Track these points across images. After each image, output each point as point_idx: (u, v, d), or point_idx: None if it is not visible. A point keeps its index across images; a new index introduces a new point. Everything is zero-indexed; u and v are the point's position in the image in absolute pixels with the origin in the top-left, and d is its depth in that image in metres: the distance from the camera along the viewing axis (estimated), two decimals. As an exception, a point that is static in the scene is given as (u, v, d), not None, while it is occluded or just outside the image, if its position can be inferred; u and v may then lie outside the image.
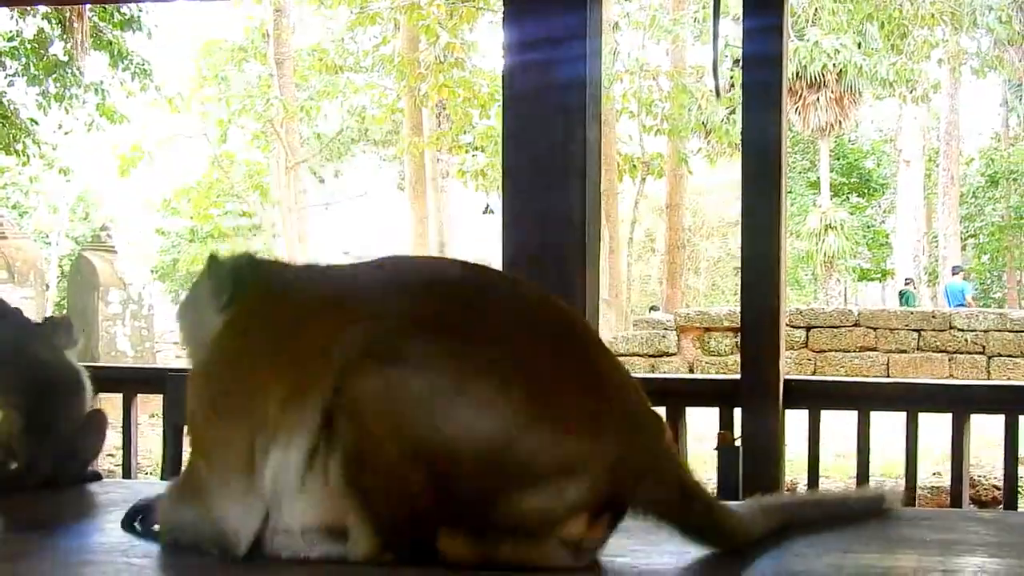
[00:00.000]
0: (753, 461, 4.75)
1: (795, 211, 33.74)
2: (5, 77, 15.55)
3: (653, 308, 24.36)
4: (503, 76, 4.30)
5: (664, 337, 18.26)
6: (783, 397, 4.85)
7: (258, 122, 26.66)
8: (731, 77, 21.13)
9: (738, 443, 4.84)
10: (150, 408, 10.65)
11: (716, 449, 4.94)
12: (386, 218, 38.89)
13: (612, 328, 22.50)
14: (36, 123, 16.01)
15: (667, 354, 17.81)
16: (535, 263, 4.06)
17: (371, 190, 35.39)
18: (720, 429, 5.07)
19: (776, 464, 4.86)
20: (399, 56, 23.82)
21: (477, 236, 37.38)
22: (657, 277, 34.71)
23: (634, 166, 22.48)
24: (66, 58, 15.51)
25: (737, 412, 5.03)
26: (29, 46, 15.46)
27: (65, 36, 15.45)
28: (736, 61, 21.52)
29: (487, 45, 26.79)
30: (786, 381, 4.92)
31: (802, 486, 8.96)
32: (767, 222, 4.78)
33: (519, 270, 4.08)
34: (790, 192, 32.46)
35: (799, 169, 38.25)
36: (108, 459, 10.11)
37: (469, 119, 22.27)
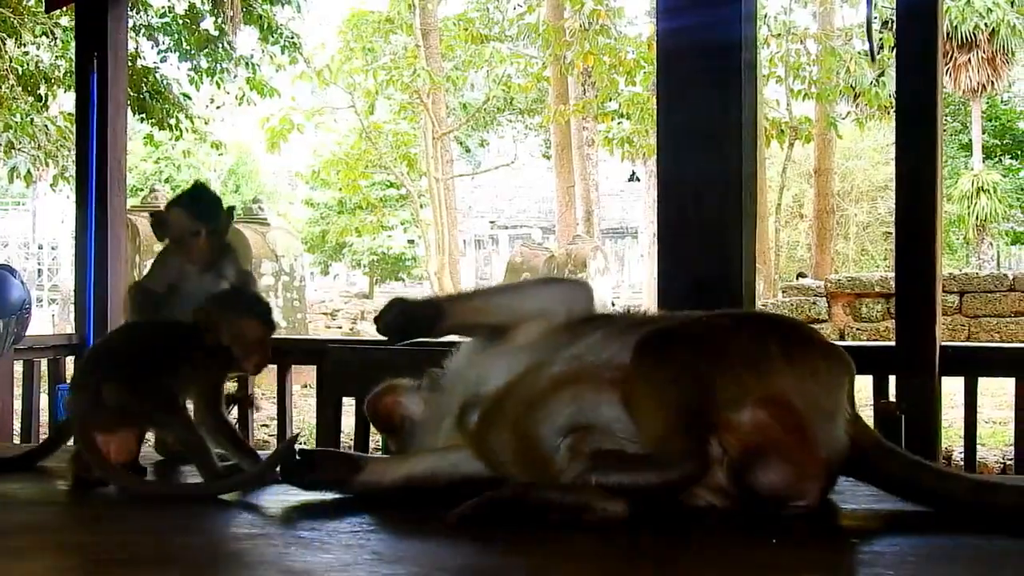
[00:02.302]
0: (910, 429, 4.68)
1: (946, 174, 33.04)
2: (158, 53, 15.82)
3: (801, 275, 24.05)
4: (656, 41, 4.29)
5: (814, 303, 18.05)
6: (940, 364, 4.77)
7: (405, 93, 26.80)
8: (881, 39, 20.74)
9: (901, 413, 4.76)
10: (301, 379, 10.84)
11: (876, 419, 4.87)
12: (532, 187, 38.94)
13: (760, 295, 22.29)
14: (188, 98, 16.26)
15: (817, 320, 17.58)
16: (691, 228, 4.05)
17: (517, 159, 35.41)
18: (875, 396, 5.01)
19: (933, 432, 4.78)
20: (544, 24, 23.78)
21: (623, 203, 37.30)
22: (805, 243, 34.29)
23: (781, 131, 22.16)
24: (217, 33, 15.72)
25: (892, 379, 4.97)
26: (181, 22, 15.70)
27: (216, 11, 15.67)
28: (885, 23, 21.12)
29: (632, 11, 26.68)
30: (942, 348, 4.84)
31: (958, 454, 8.86)
32: (923, 185, 4.69)
33: (675, 236, 4.08)
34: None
35: (951, 131, 37.46)
36: (263, 429, 10.32)
37: (615, 86, 22.15)
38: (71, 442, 2.56)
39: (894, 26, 5.56)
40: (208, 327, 2.43)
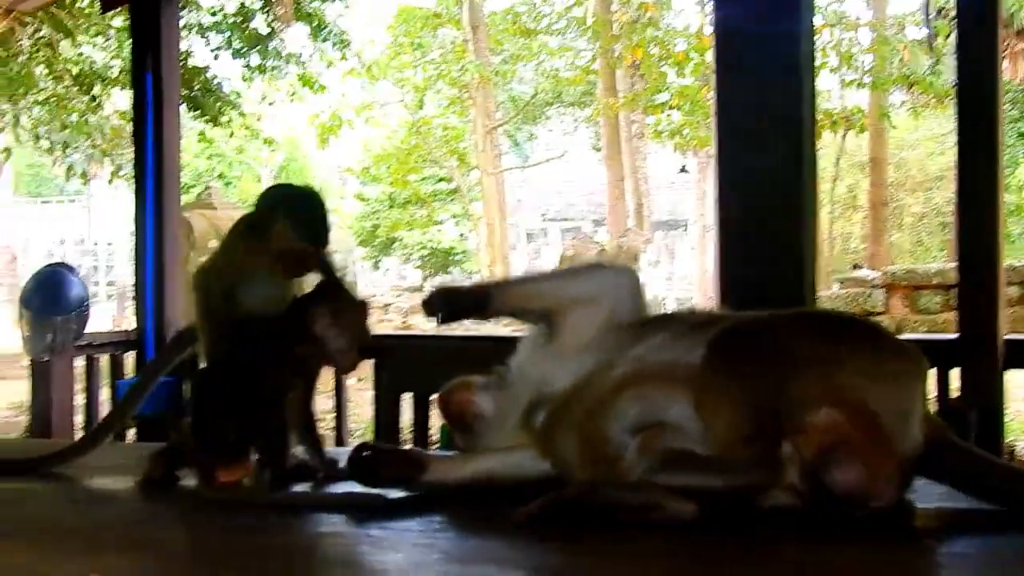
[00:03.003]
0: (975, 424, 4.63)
1: (1005, 163, 32.69)
2: (211, 51, 15.93)
3: (856, 266, 23.92)
4: (714, 31, 4.26)
5: (870, 295, 17.93)
6: (1003, 356, 4.72)
7: (454, 87, 26.86)
8: (935, 27, 20.59)
9: (970, 409, 4.70)
10: (355, 372, 10.85)
11: (944, 415, 4.81)
12: (582, 180, 38.90)
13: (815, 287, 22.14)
14: (240, 95, 16.38)
15: (874, 313, 17.44)
16: (751, 222, 4.03)
17: (567, 152, 35.37)
18: (938, 390, 4.95)
19: (998, 427, 4.73)
20: (592, 17, 23.76)
21: (674, 196, 37.20)
22: (859, 234, 34.07)
23: (834, 121, 22.04)
24: (267, 31, 15.82)
25: (954, 373, 4.92)
26: (232, 20, 15.80)
27: (266, 9, 15.76)
28: (940, 10, 20.95)
29: (680, 2, 26.59)
30: (1006, 341, 4.79)
31: (1021, 447, 8.78)
32: (982, 174, 4.64)
33: (734, 231, 4.06)
34: (996, 144, 31.48)
35: (1008, 120, 37.09)
36: (319, 424, 10.35)
37: (664, 78, 22.11)
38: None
39: (950, 13, 5.51)
40: (310, 325, 2.38)
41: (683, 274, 34.62)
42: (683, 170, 33.99)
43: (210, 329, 2.49)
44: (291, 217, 2.45)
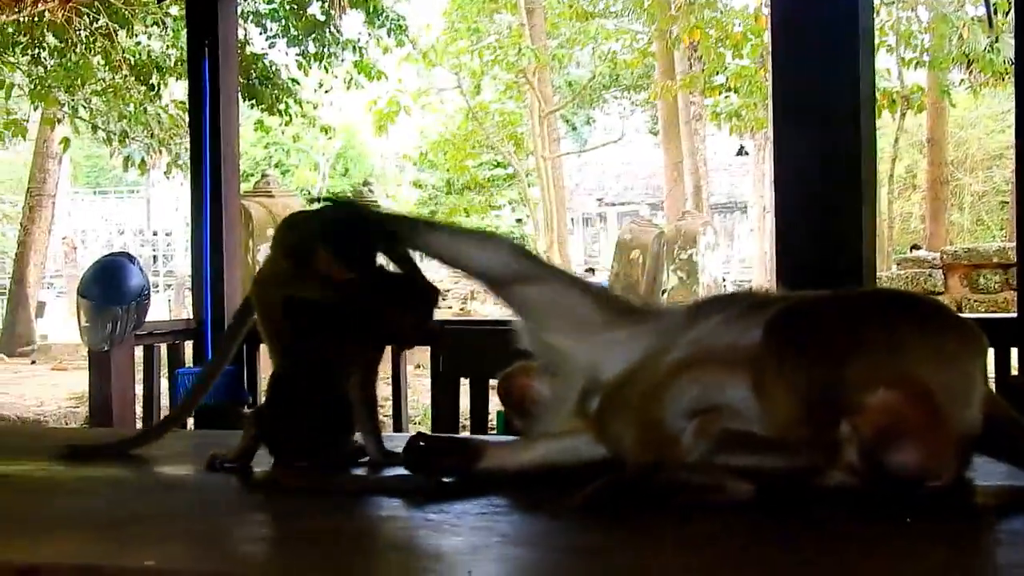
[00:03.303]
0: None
1: (1064, 140, 32.39)
2: (267, 39, 15.99)
3: (915, 246, 23.77)
4: (771, 12, 4.24)
5: (930, 276, 17.83)
6: (1063, 334, 4.69)
7: (510, 72, 26.88)
8: (994, 4, 20.39)
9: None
10: (414, 359, 10.90)
11: (1005, 393, 4.77)
12: (639, 163, 38.82)
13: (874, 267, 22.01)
14: (297, 83, 16.42)
15: (933, 293, 17.33)
16: (811, 203, 4.01)
17: (624, 136, 35.30)
18: (997, 369, 4.92)
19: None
20: (649, -1, 23.70)
21: (732, 178, 37.06)
22: (919, 214, 33.81)
23: (893, 101, 21.86)
24: (323, 18, 15.85)
25: (1014, 352, 4.89)
26: (288, 7, 15.85)
27: (322, -3, 15.80)
28: (1000, -14, 20.71)
29: (738, -16, 26.40)
30: (1066, 319, 4.75)
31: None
32: (1043, 152, 4.61)
33: (792, 212, 4.04)
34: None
35: (1068, 97, 36.73)
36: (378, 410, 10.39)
37: (721, 60, 22.01)
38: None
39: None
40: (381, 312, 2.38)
41: (742, 257, 34.52)
42: (741, 152, 33.88)
43: (273, 335, 2.51)
44: (331, 245, 2.44)
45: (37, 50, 14.34)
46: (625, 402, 2.21)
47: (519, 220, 35.83)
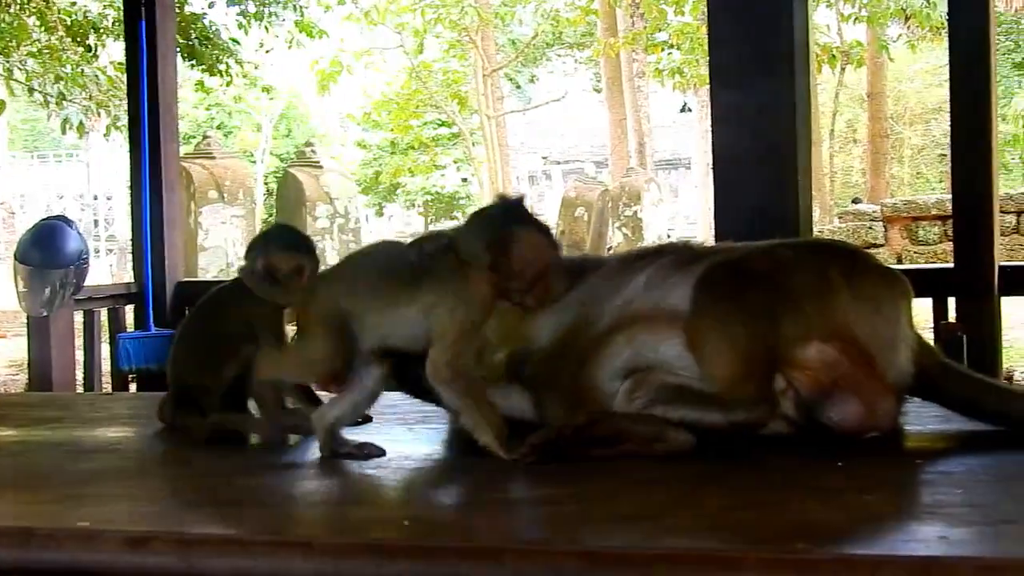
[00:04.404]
0: (971, 350, 4.66)
1: (1000, 93, 32.54)
2: (206, -1, 15.83)
3: (856, 200, 23.88)
4: (706, -31, 4.25)
5: (871, 228, 17.94)
6: (999, 284, 4.75)
7: (453, 31, 26.74)
8: (931, -41, 20.46)
9: (962, 334, 4.74)
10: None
11: (938, 341, 4.85)
12: (584, 121, 38.78)
13: (816, 221, 22.15)
14: (237, 43, 16.25)
15: (874, 245, 17.46)
16: (746, 157, 4.03)
17: (568, 94, 35.24)
18: (935, 318, 4.99)
19: (994, 353, 4.77)
20: (591, -44, 23.65)
21: (676, 135, 37.10)
22: (860, 168, 33.99)
23: (833, 56, 21.92)
24: (264, -24, 15.70)
25: (951, 302, 4.95)
26: (228, -34, 15.69)
27: (261, -46, 15.64)
28: (937, -59, 20.80)
29: (679, -60, 26.37)
30: (1001, 268, 4.81)
31: (1019, 373, 8.81)
32: (977, 105, 4.66)
33: (730, 166, 4.06)
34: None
35: (1003, 50, 36.86)
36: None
37: (664, 17, 21.98)
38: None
39: (946, -56, 5.49)
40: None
41: (687, 213, 34.59)
42: (685, 109, 33.92)
43: None
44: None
45: (-32, 12, 14.15)
46: (555, 375, 2.21)
47: (464, 179, 35.71)
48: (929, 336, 4.67)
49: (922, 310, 5.12)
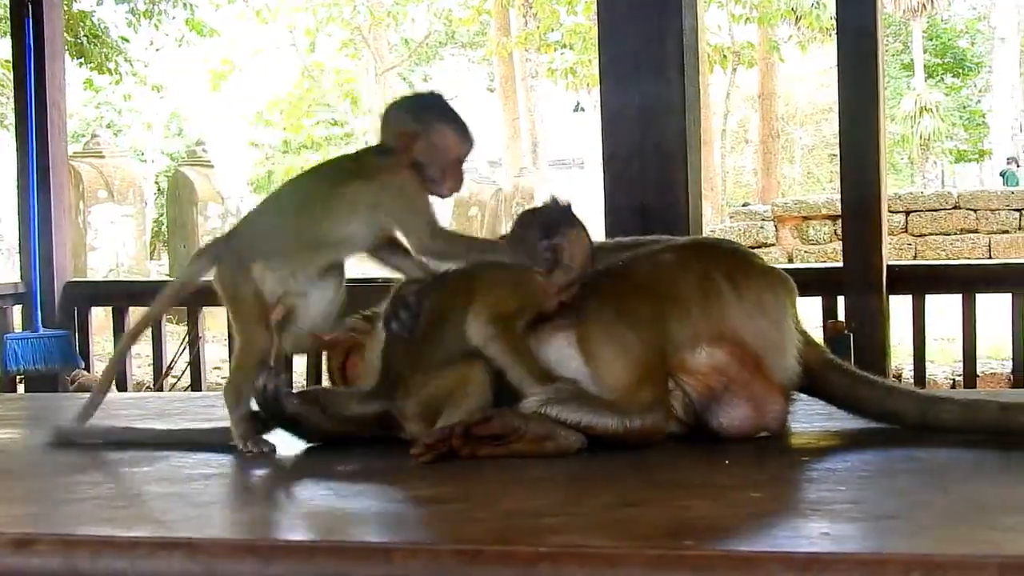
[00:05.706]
0: (859, 348, 4.74)
1: (889, 94, 33.04)
2: (94, -5, 15.64)
3: (745, 204, 24.13)
4: (596, -30, 4.26)
5: (762, 228, 18.15)
6: (887, 283, 4.83)
7: (346, 30, 26.66)
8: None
9: (849, 332, 4.82)
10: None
11: (826, 339, 4.92)
12: (478, 120, 38.78)
13: (708, 221, 22.36)
14: (127, 41, 16.09)
15: (765, 245, 17.67)
16: (636, 157, 4.05)
17: (461, 93, 35.25)
18: (824, 318, 5.07)
19: (882, 351, 4.85)
20: (483, -44, 23.69)
21: (569, 134, 37.23)
22: (751, 168, 34.40)
23: (724, 56, 22.19)
24: (153, -27, 15.56)
25: (840, 300, 5.03)
26: (115, -38, 15.53)
27: (150, -49, 15.49)
28: (825, -56, 21.11)
29: (571, -59, 26.49)
30: (889, 267, 4.89)
31: (908, 372, 8.95)
32: (865, 106, 4.74)
33: (620, 165, 4.08)
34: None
35: (892, 52, 37.59)
36: (215, 372, 10.28)
37: (556, 17, 22.12)
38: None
39: (833, -53, 5.58)
40: None
41: (580, 213, 34.73)
42: (578, 109, 34.04)
43: None
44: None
45: None
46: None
47: (358, 179, 35.53)
48: (819, 335, 4.74)
49: (812, 309, 5.21)
